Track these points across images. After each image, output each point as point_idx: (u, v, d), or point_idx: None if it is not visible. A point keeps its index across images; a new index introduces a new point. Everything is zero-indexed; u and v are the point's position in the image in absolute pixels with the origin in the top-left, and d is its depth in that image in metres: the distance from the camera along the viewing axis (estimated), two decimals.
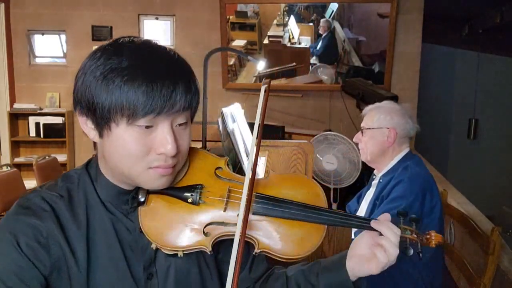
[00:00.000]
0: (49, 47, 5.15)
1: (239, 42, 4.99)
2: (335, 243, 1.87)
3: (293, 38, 4.93)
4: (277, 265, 1.01)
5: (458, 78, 3.64)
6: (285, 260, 0.85)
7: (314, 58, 4.94)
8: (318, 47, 4.91)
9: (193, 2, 4.97)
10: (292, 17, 4.87)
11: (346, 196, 3.54)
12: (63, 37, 5.10)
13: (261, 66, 3.50)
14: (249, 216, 0.82)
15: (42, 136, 5.03)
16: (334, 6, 4.80)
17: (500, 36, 2.79)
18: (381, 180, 1.89)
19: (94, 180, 0.87)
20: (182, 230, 0.83)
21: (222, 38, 4.93)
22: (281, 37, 4.93)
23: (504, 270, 2.24)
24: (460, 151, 3.49)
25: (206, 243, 0.82)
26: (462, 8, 3.53)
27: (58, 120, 5.04)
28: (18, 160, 5.11)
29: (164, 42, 5.18)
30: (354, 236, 1.69)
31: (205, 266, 0.92)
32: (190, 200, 0.84)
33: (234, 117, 1.62)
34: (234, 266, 0.73)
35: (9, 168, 3.27)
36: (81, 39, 5.06)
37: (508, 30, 2.64)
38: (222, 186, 0.87)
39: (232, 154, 1.55)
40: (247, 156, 1.54)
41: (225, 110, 1.57)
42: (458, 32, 3.39)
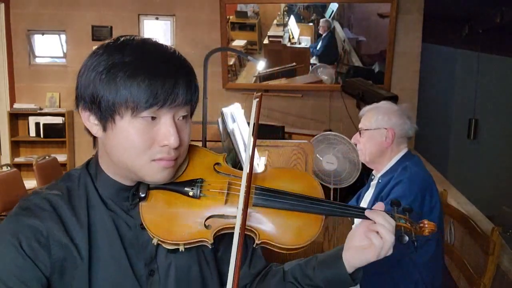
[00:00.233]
0: (49, 47, 5.15)
1: (239, 42, 4.99)
2: (335, 243, 1.87)
3: (293, 38, 4.93)
4: (276, 259, 1.02)
5: (458, 78, 3.64)
6: (285, 250, 0.87)
7: (314, 58, 4.94)
8: (318, 47, 4.91)
9: (193, 2, 4.97)
10: (292, 17, 4.88)
11: (346, 196, 3.53)
12: (63, 37, 5.10)
13: (261, 66, 3.50)
14: (248, 207, 0.83)
15: (42, 136, 5.03)
16: (334, 6, 4.80)
17: (500, 36, 2.79)
18: (380, 180, 1.89)
19: (94, 178, 0.87)
20: (184, 223, 0.85)
21: (222, 38, 4.93)
22: (281, 37, 4.93)
23: (504, 270, 2.24)
24: (460, 151, 3.49)
25: (208, 235, 0.84)
26: (462, 8, 3.52)
27: (58, 120, 5.04)
28: (18, 160, 5.11)
29: (164, 42, 5.18)
30: None
31: (205, 264, 0.92)
32: (191, 193, 0.86)
33: (234, 117, 1.62)
34: (236, 255, 0.75)
35: (9, 168, 3.27)
36: (81, 39, 5.06)
37: (508, 30, 2.64)
38: (222, 180, 0.89)
39: (232, 154, 1.55)
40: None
41: (225, 110, 1.57)
42: (458, 32, 3.39)
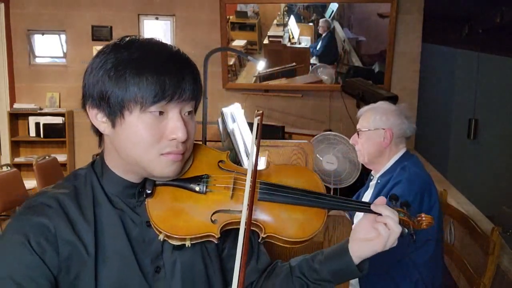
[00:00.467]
0: (49, 47, 5.15)
1: (239, 42, 4.99)
2: (335, 243, 1.87)
3: (293, 38, 4.93)
4: (280, 253, 1.04)
5: (458, 78, 3.64)
6: (289, 244, 0.89)
7: (314, 58, 4.94)
8: (318, 47, 4.91)
9: (193, 2, 4.97)
10: (292, 17, 4.88)
11: (346, 196, 3.53)
12: (63, 37, 5.11)
13: (261, 66, 3.50)
14: (254, 202, 0.85)
15: (42, 136, 5.03)
16: (334, 6, 4.80)
17: (500, 36, 2.79)
18: (379, 181, 1.89)
19: (100, 177, 0.89)
20: (190, 218, 0.86)
21: (222, 38, 4.93)
22: (281, 37, 4.93)
23: (504, 270, 2.24)
24: (460, 151, 3.49)
25: (214, 230, 0.85)
26: (462, 8, 3.52)
27: (58, 120, 5.04)
28: (18, 160, 5.11)
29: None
30: None
31: (209, 261, 0.94)
32: (197, 189, 0.88)
33: (234, 117, 1.62)
34: (242, 248, 0.77)
35: (9, 168, 3.28)
36: (81, 39, 5.06)
37: (508, 30, 2.64)
38: (227, 176, 0.91)
39: (232, 154, 1.55)
40: (247, 156, 1.54)
41: (225, 110, 1.57)
42: (458, 32, 3.39)
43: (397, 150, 1.90)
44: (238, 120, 1.64)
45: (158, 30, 5.08)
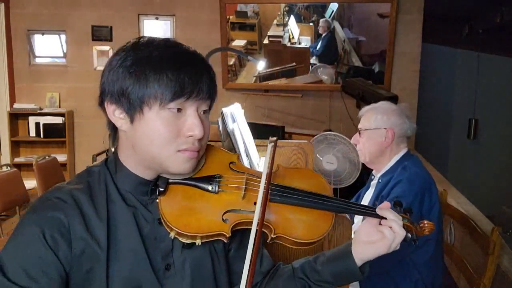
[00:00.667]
0: (49, 47, 5.15)
1: (239, 42, 4.99)
2: (335, 243, 1.87)
3: (293, 38, 4.93)
4: (282, 256, 1.05)
5: (458, 78, 3.64)
6: (297, 245, 0.91)
7: (314, 58, 4.94)
8: (318, 47, 4.91)
9: (193, 2, 4.97)
10: (292, 17, 4.88)
11: (346, 196, 3.53)
12: (63, 37, 5.11)
13: (261, 66, 3.50)
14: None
15: (42, 136, 5.03)
16: (334, 6, 4.80)
17: (500, 36, 2.79)
18: (380, 180, 1.89)
19: (113, 174, 0.90)
20: (202, 216, 0.87)
21: (222, 38, 4.94)
22: (281, 37, 4.93)
23: (504, 270, 2.24)
24: (460, 151, 3.49)
25: (226, 229, 0.86)
26: (462, 8, 3.52)
27: (58, 120, 5.04)
28: (18, 160, 5.11)
29: None
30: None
31: (217, 260, 0.95)
32: (210, 188, 0.90)
33: (234, 117, 1.62)
34: (252, 247, 0.79)
35: (9, 168, 3.28)
36: (81, 39, 5.06)
37: (508, 30, 2.64)
38: (239, 177, 0.93)
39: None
40: (247, 156, 1.54)
41: (225, 110, 1.57)
42: (458, 32, 3.39)
43: (398, 149, 1.90)
44: (238, 120, 1.64)
45: (158, 30, 5.08)
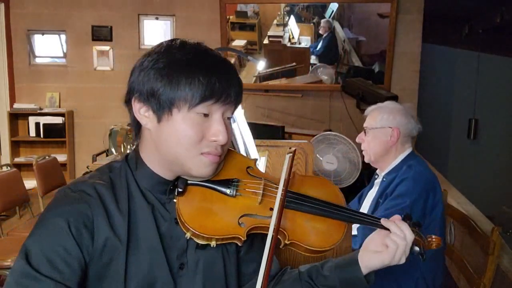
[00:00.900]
0: (49, 47, 5.15)
1: (239, 42, 4.99)
2: (334, 251, 1.87)
3: (293, 38, 4.93)
4: (289, 260, 1.06)
5: (458, 78, 3.64)
6: (309, 252, 0.92)
7: (314, 58, 4.94)
8: (319, 47, 4.91)
9: (193, 2, 4.97)
10: (292, 17, 4.88)
11: (346, 196, 3.53)
12: (63, 37, 5.11)
13: (261, 66, 3.51)
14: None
15: (42, 136, 5.03)
16: (334, 6, 4.80)
17: (500, 36, 2.79)
18: (384, 179, 1.90)
19: (134, 170, 0.92)
20: (219, 219, 0.89)
21: (222, 38, 4.94)
22: (281, 37, 4.93)
23: (504, 270, 2.24)
24: (460, 151, 3.49)
25: (241, 232, 0.88)
26: (462, 8, 3.52)
27: (58, 120, 5.04)
28: (18, 160, 5.11)
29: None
30: (353, 244, 1.69)
31: (228, 261, 0.97)
32: (228, 192, 0.91)
33: (234, 117, 1.62)
34: (268, 253, 0.81)
35: (9, 168, 3.27)
36: (81, 39, 5.06)
37: (508, 30, 2.64)
38: (257, 182, 0.94)
39: None
40: (247, 156, 1.54)
41: None
42: (458, 32, 3.39)
43: (403, 149, 1.90)
44: (238, 120, 1.64)
45: (158, 30, 5.08)
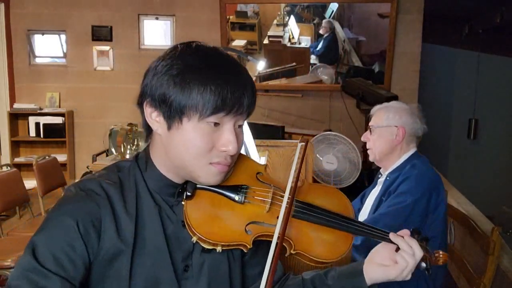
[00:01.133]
0: (49, 47, 5.15)
1: (239, 42, 4.99)
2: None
3: (293, 38, 4.93)
4: (301, 265, 1.06)
5: (458, 78, 3.64)
6: (315, 263, 0.91)
7: (314, 58, 4.94)
8: (319, 47, 4.91)
9: (193, 2, 4.97)
10: (292, 17, 4.88)
11: (346, 196, 3.53)
12: (63, 37, 5.11)
13: (261, 66, 3.51)
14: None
15: (42, 136, 5.03)
16: (334, 6, 4.80)
17: (500, 36, 2.79)
18: (387, 178, 1.90)
19: (143, 171, 0.91)
20: (226, 225, 0.88)
21: (222, 38, 4.94)
22: (281, 37, 4.93)
23: (504, 270, 2.24)
24: (460, 151, 3.49)
25: (248, 240, 0.87)
26: (462, 8, 3.52)
27: (58, 120, 5.04)
28: (18, 160, 5.11)
29: (164, 42, 5.21)
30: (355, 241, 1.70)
31: (233, 264, 0.96)
32: (237, 198, 0.90)
33: None
34: (271, 263, 0.79)
35: (9, 168, 3.27)
36: (81, 39, 5.06)
37: (508, 30, 2.64)
38: (266, 189, 0.93)
39: None
40: (248, 156, 1.54)
41: None
42: (458, 32, 3.39)
43: (407, 148, 1.91)
44: None
45: (158, 30, 5.08)
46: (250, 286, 1.01)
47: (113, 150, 2.90)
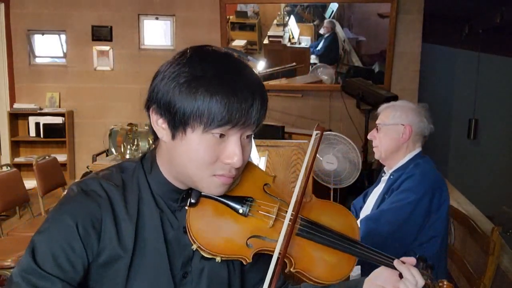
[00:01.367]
0: (49, 47, 5.15)
1: (239, 42, 4.99)
2: None
3: (293, 38, 4.93)
4: (302, 280, 1.07)
5: (458, 78, 3.64)
6: (314, 283, 0.89)
7: (314, 58, 4.94)
8: (319, 47, 4.91)
9: (193, 2, 4.97)
10: (292, 17, 4.88)
11: (346, 196, 3.54)
12: (63, 37, 5.11)
13: (261, 66, 3.51)
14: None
15: (42, 136, 5.03)
16: (334, 6, 4.80)
17: (500, 36, 2.79)
18: (391, 176, 1.90)
19: (147, 173, 0.90)
20: (227, 237, 0.87)
21: (222, 38, 4.93)
22: (281, 37, 4.93)
23: (504, 270, 2.24)
24: (460, 151, 3.49)
25: (248, 254, 0.86)
26: (462, 8, 3.53)
27: (58, 120, 5.04)
28: (18, 160, 5.11)
29: (164, 42, 5.21)
30: None
31: (232, 271, 0.96)
32: (240, 211, 0.88)
33: None
34: (270, 280, 0.78)
35: (9, 168, 3.27)
36: (81, 39, 5.06)
37: (508, 30, 2.65)
38: (271, 203, 0.90)
39: None
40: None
41: None
42: (458, 32, 3.39)
43: (413, 148, 1.91)
44: None
45: (158, 30, 5.08)
46: None
47: (113, 150, 2.90)
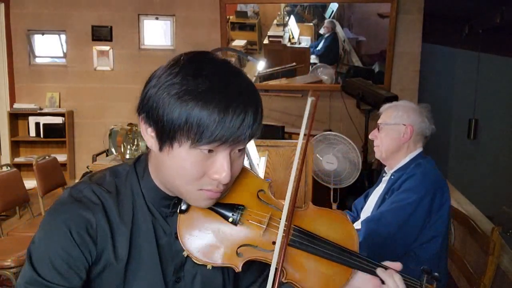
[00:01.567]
0: (49, 47, 5.15)
1: (239, 42, 4.99)
2: None
3: (293, 38, 4.93)
4: None
5: (458, 78, 3.64)
6: None
7: (314, 58, 4.94)
8: (320, 47, 4.91)
9: (193, 2, 4.97)
10: (292, 17, 4.88)
11: (346, 196, 3.54)
12: (63, 37, 5.11)
13: (261, 66, 3.50)
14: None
15: (42, 136, 5.03)
16: (334, 6, 4.80)
17: (500, 36, 2.79)
18: (392, 176, 1.90)
19: (140, 178, 0.89)
20: (217, 246, 0.85)
21: (222, 38, 4.93)
22: (281, 37, 4.93)
23: (504, 270, 2.24)
24: (460, 151, 3.49)
25: (237, 263, 0.84)
26: (462, 8, 3.52)
27: (58, 120, 5.04)
28: (18, 160, 5.11)
29: (164, 42, 5.22)
30: None
31: (227, 277, 0.95)
32: (230, 219, 0.86)
33: None
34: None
35: (9, 168, 3.27)
36: (81, 39, 5.06)
37: (508, 30, 2.64)
38: (263, 211, 0.88)
39: None
40: (247, 156, 1.54)
41: None
42: (458, 32, 3.39)
43: (414, 148, 1.91)
44: None
45: (158, 30, 5.08)
46: None
47: (113, 150, 2.90)
